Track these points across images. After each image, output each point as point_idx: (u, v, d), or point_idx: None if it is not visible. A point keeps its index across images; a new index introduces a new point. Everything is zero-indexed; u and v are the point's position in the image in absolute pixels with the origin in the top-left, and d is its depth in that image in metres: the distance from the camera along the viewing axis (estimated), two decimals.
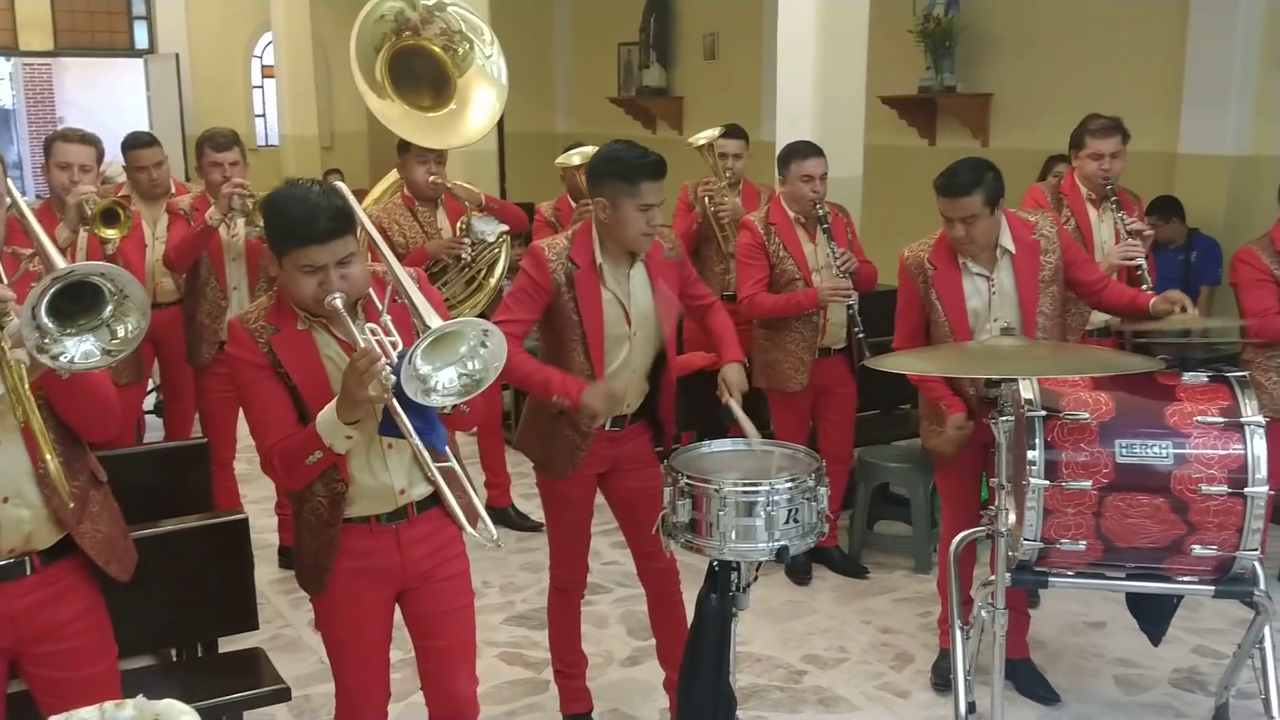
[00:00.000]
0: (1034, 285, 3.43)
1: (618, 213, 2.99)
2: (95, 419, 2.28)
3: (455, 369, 2.19)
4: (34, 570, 2.26)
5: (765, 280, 4.33)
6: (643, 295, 3.13)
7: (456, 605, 2.62)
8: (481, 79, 4.60)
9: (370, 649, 2.59)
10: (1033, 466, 2.81)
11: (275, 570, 4.65)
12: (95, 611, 2.38)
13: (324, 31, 11.37)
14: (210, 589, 3.10)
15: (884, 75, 6.42)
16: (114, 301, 1.97)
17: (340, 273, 2.30)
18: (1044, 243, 3.47)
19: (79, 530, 2.28)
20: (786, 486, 2.55)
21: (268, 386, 2.38)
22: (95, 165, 4.30)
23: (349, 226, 2.32)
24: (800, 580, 4.55)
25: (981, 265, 3.45)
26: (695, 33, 10.10)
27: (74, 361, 1.95)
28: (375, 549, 2.51)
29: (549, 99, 12.02)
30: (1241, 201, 6.14)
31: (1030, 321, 3.42)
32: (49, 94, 17.62)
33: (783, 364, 4.40)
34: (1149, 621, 3.27)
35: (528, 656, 3.96)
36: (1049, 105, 6.85)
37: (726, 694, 2.72)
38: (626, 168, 2.97)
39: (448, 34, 4.53)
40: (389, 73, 4.47)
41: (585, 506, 3.26)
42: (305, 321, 2.41)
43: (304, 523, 2.52)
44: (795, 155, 4.33)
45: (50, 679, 2.31)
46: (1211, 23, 6.11)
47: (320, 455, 2.30)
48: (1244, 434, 2.79)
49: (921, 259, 3.51)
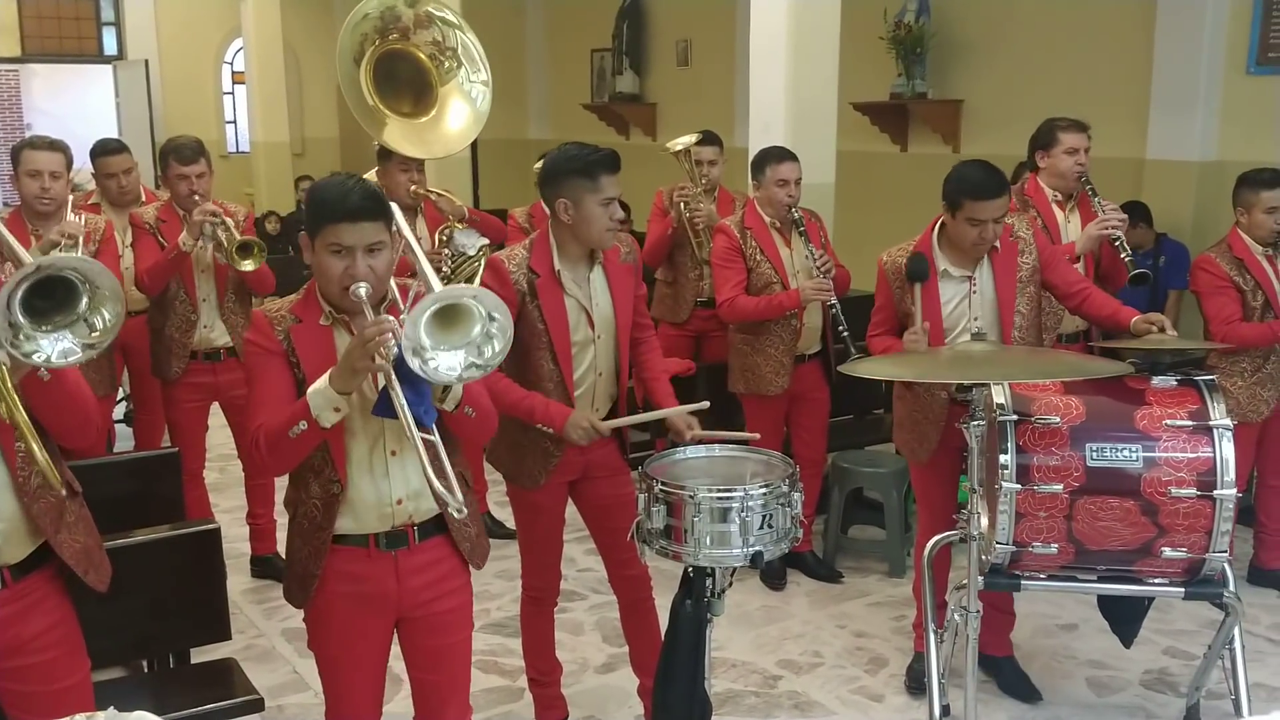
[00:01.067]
0: (1013, 285, 3.46)
1: (581, 210, 2.99)
2: (76, 425, 2.27)
3: (464, 353, 2.16)
4: (4, 585, 2.22)
5: (743, 283, 4.35)
6: (603, 298, 3.13)
7: (455, 640, 2.59)
8: (460, 96, 4.58)
9: (360, 670, 2.53)
10: (1005, 470, 2.84)
11: (247, 580, 4.62)
12: (67, 624, 2.35)
13: (294, 37, 11.32)
14: (182, 599, 3.07)
15: (856, 81, 6.47)
16: (87, 293, 1.96)
17: (368, 261, 2.31)
18: (1021, 244, 3.51)
19: (57, 540, 2.26)
20: (761, 492, 2.56)
21: (274, 371, 2.37)
22: (65, 172, 4.25)
23: (381, 214, 2.33)
24: (775, 585, 4.56)
25: (963, 267, 3.48)
26: (668, 39, 10.12)
27: (50, 360, 1.94)
28: (371, 575, 2.46)
29: (521, 105, 12.00)
30: (1208, 206, 6.22)
31: (1008, 321, 3.45)
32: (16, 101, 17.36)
33: (763, 368, 4.42)
34: (1120, 624, 3.30)
35: (503, 664, 3.95)
36: (1019, 111, 6.89)
37: (702, 700, 2.72)
38: (585, 164, 2.98)
39: (438, 45, 4.51)
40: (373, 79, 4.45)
41: (556, 515, 3.26)
42: (329, 318, 2.41)
43: (296, 527, 2.48)
44: (770, 160, 4.35)
45: (22, 693, 2.27)
46: (1179, 29, 6.18)
47: (305, 427, 2.23)
48: (1212, 437, 2.82)
49: (900, 263, 3.54)
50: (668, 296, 5.43)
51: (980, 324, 3.45)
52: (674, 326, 5.38)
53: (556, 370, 3.08)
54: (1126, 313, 3.46)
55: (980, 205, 3.33)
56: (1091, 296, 3.57)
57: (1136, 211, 6.02)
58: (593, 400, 3.16)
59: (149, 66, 12.14)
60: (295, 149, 11.62)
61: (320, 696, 3.68)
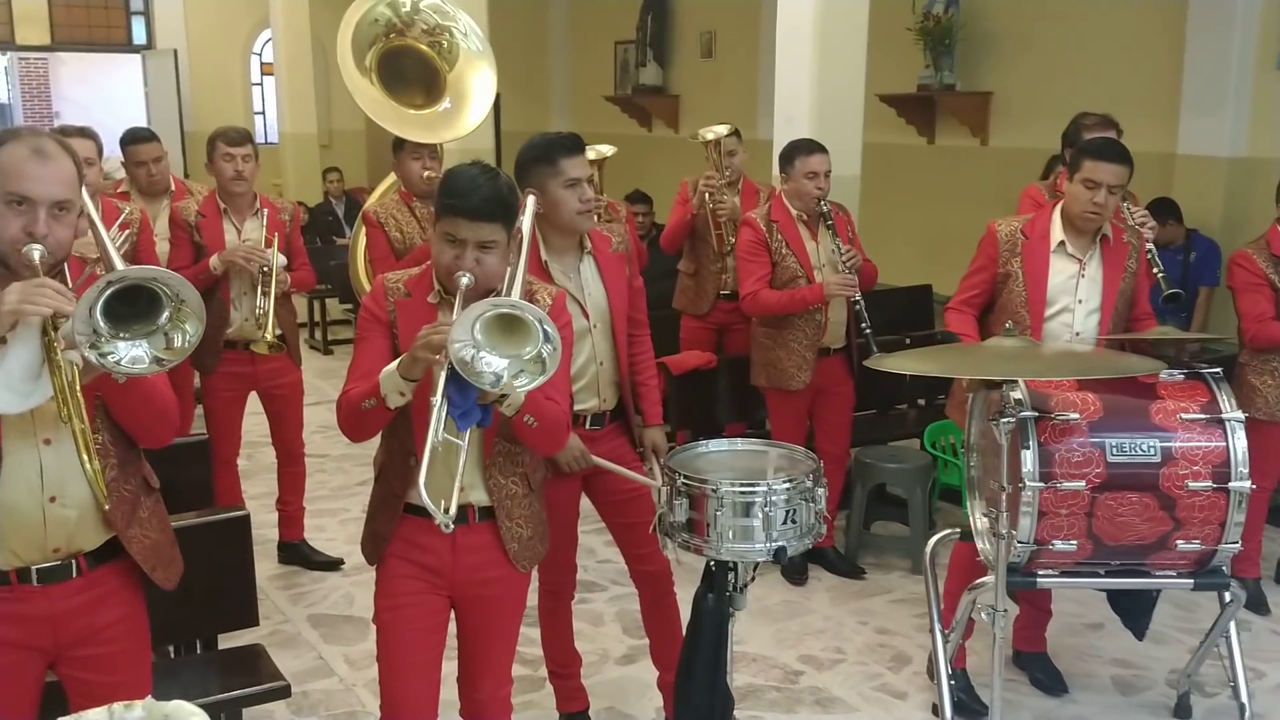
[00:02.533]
0: (1118, 280, 3.48)
1: (547, 196, 2.98)
2: (151, 425, 2.29)
3: (511, 364, 2.18)
4: (80, 573, 2.24)
5: (768, 277, 4.33)
6: (595, 287, 3.12)
7: (503, 621, 2.64)
8: (471, 63, 4.63)
9: (413, 643, 2.55)
10: (1027, 469, 2.83)
11: (275, 566, 4.66)
12: (136, 618, 2.38)
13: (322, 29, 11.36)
14: (211, 585, 3.09)
15: (883, 73, 6.43)
16: (170, 307, 1.97)
17: (477, 255, 2.36)
18: (1131, 249, 3.53)
19: (128, 534, 2.27)
20: (784, 487, 2.56)
21: (377, 340, 2.46)
22: (97, 159, 4.31)
23: (502, 216, 2.39)
24: (796, 580, 4.56)
25: (1077, 248, 3.47)
26: (693, 31, 10.11)
27: (120, 364, 1.95)
28: (430, 546, 2.51)
29: (544, 98, 12.02)
30: (1238, 203, 6.17)
31: (1108, 310, 3.45)
32: (45, 89, 17.59)
33: (785, 362, 4.41)
34: (1131, 618, 3.31)
35: (524, 654, 3.95)
36: (1048, 105, 6.86)
37: (724, 694, 2.73)
38: (544, 149, 2.98)
39: (430, 31, 4.58)
40: (379, 72, 4.51)
41: (570, 511, 3.25)
42: (437, 296, 2.47)
43: (379, 489, 2.59)
44: (799, 152, 4.34)
45: (86, 681, 2.30)
46: (1210, 25, 6.13)
47: (374, 403, 2.32)
48: (1225, 429, 2.84)
49: (1015, 228, 3.54)
50: (690, 288, 5.42)
51: (1085, 307, 3.45)
52: (696, 319, 5.37)
53: None
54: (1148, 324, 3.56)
55: (1097, 166, 3.33)
56: (1145, 324, 3.60)
57: (1166, 208, 5.98)
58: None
59: (178, 56, 12.21)
60: (322, 140, 11.67)
61: (344, 682, 3.75)
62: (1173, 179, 6.36)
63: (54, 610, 2.22)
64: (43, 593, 2.20)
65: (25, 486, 2.13)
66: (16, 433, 2.11)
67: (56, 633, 2.24)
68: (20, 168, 2.05)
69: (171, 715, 1.41)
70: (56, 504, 2.17)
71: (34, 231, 2.05)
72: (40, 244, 2.05)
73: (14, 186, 2.05)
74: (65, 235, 2.14)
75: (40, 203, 2.06)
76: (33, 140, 2.09)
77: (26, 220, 2.05)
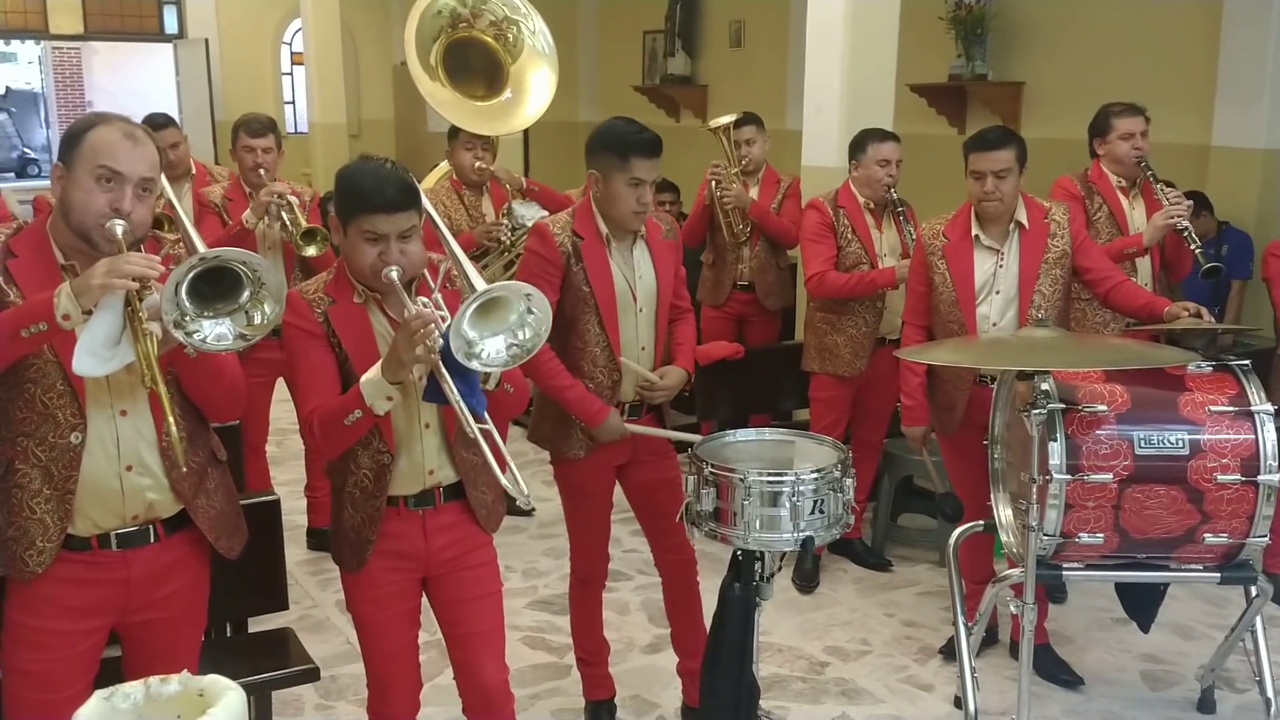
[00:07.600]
0: (1036, 265, 3.49)
1: (608, 187, 2.99)
2: (221, 399, 2.37)
3: (504, 338, 2.26)
4: (158, 538, 2.33)
5: (834, 258, 4.32)
6: (647, 271, 3.14)
7: (483, 593, 2.65)
8: (534, 60, 4.71)
9: (396, 629, 2.62)
10: (1054, 461, 2.81)
11: (304, 551, 4.70)
12: (199, 587, 2.46)
13: (353, 19, 11.39)
14: (241, 569, 3.11)
15: (913, 63, 6.37)
16: (251, 288, 2.06)
17: (400, 246, 2.38)
18: (1054, 227, 3.54)
19: (194, 505, 2.35)
20: (812, 477, 2.55)
21: (318, 354, 2.45)
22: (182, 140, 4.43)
23: (414, 202, 2.41)
24: (804, 588, 4.42)
25: (993, 239, 3.51)
26: (722, 20, 10.05)
27: (206, 341, 2.05)
28: (402, 533, 2.55)
29: (572, 87, 11.97)
30: (1273, 195, 6.08)
31: (1025, 297, 3.47)
32: (78, 78, 17.73)
33: (842, 348, 4.39)
34: (1138, 610, 3.30)
35: (550, 641, 3.99)
36: (1082, 95, 6.75)
37: (750, 684, 2.73)
38: (620, 141, 2.97)
39: (497, 24, 4.65)
40: (443, 64, 4.58)
41: (604, 499, 3.27)
42: (361, 295, 2.48)
43: (347, 496, 2.56)
44: (872, 139, 4.34)
45: (144, 643, 2.38)
46: (1246, 15, 6.04)
47: (359, 415, 2.34)
48: (1254, 422, 2.81)
49: (937, 230, 3.60)
50: (709, 279, 5.40)
51: (1003, 297, 3.50)
52: (714, 309, 5.36)
53: (602, 333, 3.08)
54: (1160, 302, 3.46)
55: (975, 157, 3.44)
56: (1122, 286, 3.56)
57: (1197, 200, 5.90)
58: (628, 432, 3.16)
59: (209, 46, 12.29)
60: (352, 130, 11.71)
61: None
62: (1207, 171, 6.28)
63: (130, 575, 2.30)
64: (121, 558, 2.29)
65: (104, 456, 2.22)
66: (95, 404, 2.20)
67: (128, 597, 2.31)
68: (112, 147, 2.16)
69: (207, 689, 1.43)
70: (133, 473, 2.26)
71: (120, 207, 2.14)
72: (124, 220, 2.13)
73: (105, 161, 2.14)
74: (145, 215, 2.24)
75: (129, 179, 2.16)
76: (123, 125, 2.20)
77: (113, 196, 2.15)
